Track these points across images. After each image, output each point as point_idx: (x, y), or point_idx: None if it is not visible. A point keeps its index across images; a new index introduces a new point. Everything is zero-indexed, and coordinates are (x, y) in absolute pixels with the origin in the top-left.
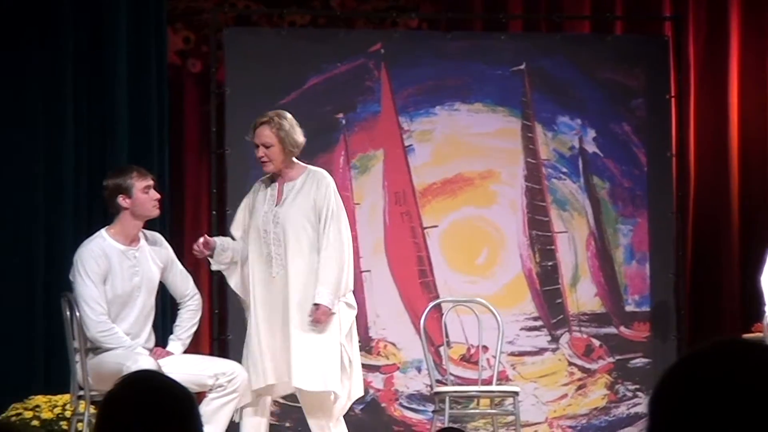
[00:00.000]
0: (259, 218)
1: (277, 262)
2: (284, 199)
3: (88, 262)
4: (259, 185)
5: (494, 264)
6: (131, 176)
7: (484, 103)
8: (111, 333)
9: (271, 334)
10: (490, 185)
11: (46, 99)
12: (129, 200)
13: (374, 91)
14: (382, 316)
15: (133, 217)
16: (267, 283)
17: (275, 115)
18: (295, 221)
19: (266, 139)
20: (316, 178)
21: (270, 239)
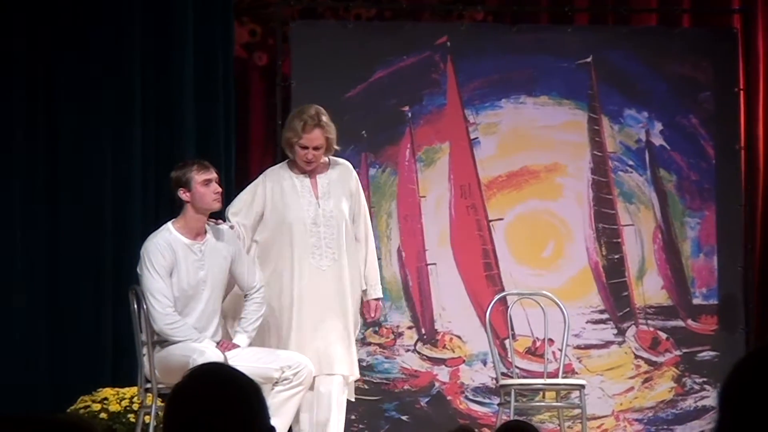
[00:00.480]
0: (302, 210)
1: (327, 254)
2: (324, 191)
3: (155, 255)
4: (279, 175)
5: (560, 257)
6: (191, 169)
7: (550, 95)
8: (178, 325)
9: (317, 326)
10: (555, 178)
11: (114, 93)
12: (188, 194)
13: (440, 84)
14: (447, 309)
15: (195, 210)
16: (315, 275)
17: (323, 115)
18: (342, 213)
19: (318, 142)
20: (348, 170)
21: (320, 232)
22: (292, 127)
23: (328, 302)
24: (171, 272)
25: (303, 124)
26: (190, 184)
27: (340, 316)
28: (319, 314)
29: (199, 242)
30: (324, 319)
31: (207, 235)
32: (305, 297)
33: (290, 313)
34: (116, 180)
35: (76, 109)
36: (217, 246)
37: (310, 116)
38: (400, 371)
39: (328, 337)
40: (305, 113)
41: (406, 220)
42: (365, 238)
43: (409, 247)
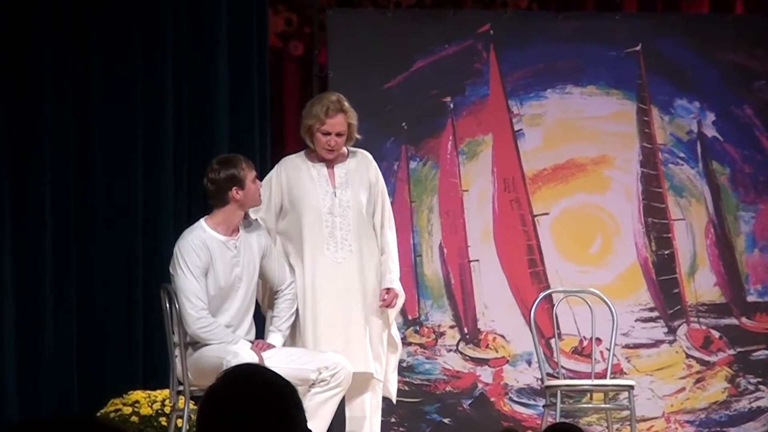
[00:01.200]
0: (318, 200)
1: (343, 246)
2: (342, 181)
3: (189, 255)
4: (295, 164)
5: (608, 253)
6: (242, 167)
7: (597, 85)
8: (212, 328)
9: (333, 322)
10: (603, 171)
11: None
12: (242, 192)
13: (483, 74)
14: (490, 308)
15: (239, 207)
16: (330, 268)
17: (345, 100)
18: (359, 204)
19: (342, 128)
20: (366, 159)
21: (336, 223)
22: (314, 114)
23: (345, 297)
24: (206, 272)
25: (326, 109)
26: (244, 183)
27: (359, 312)
28: (335, 310)
29: (234, 238)
30: (341, 316)
31: (240, 230)
32: (319, 292)
33: (304, 309)
34: (147, 176)
35: (107, 103)
36: (250, 241)
37: (333, 101)
38: (441, 372)
39: (346, 334)
40: (327, 98)
41: (447, 215)
42: (384, 228)
43: (450, 243)
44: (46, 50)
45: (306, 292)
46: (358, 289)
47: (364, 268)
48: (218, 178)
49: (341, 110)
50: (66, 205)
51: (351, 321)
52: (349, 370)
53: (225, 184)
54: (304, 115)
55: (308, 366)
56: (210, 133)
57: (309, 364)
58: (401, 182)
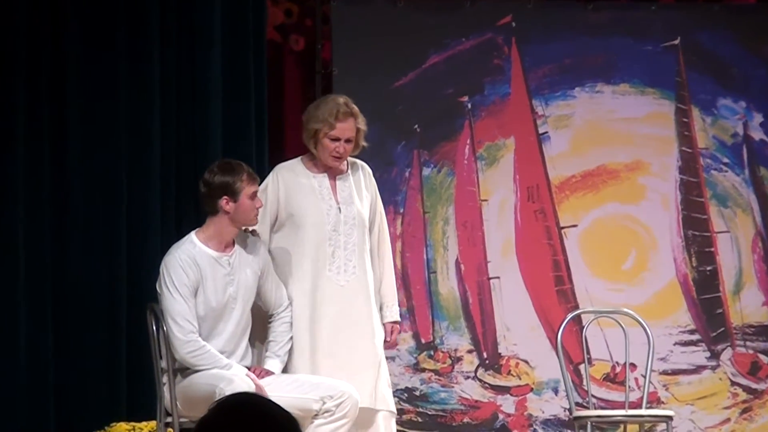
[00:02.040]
0: (322, 215)
1: (347, 268)
2: (345, 195)
3: (176, 273)
4: (294, 173)
5: (643, 269)
6: (241, 178)
7: (631, 83)
8: (202, 353)
9: (334, 351)
10: (638, 178)
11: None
12: (232, 204)
13: (504, 71)
14: (512, 330)
15: (231, 222)
16: (332, 291)
17: (352, 104)
18: (363, 221)
19: (351, 134)
20: (368, 171)
21: (340, 242)
22: (321, 117)
23: (349, 324)
24: (196, 291)
25: (336, 112)
26: (238, 195)
27: (364, 340)
28: (337, 338)
29: (228, 254)
30: (344, 345)
31: (235, 246)
32: (320, 317)
33: (300, 335)
34: (131, 184)
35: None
36: (247, 257)
37: (342, 104)
38: (458, 402)
39: (350, 365)
40: (335, 101)
41: (464, 227)
42: (382, 251)
43: (468, 258)
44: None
45: (301, 317)
46: (364, 315)
47: (369, 292)
48: (211, 182)
49: (352, 114)
50: (40, 216)
51: (356, 351)
52: (356, 399)
53: (216, 191)
54: (309, 119)
55: (311, 395)
56: (201, 137)
57: (312, 393)
58: (413, 191)
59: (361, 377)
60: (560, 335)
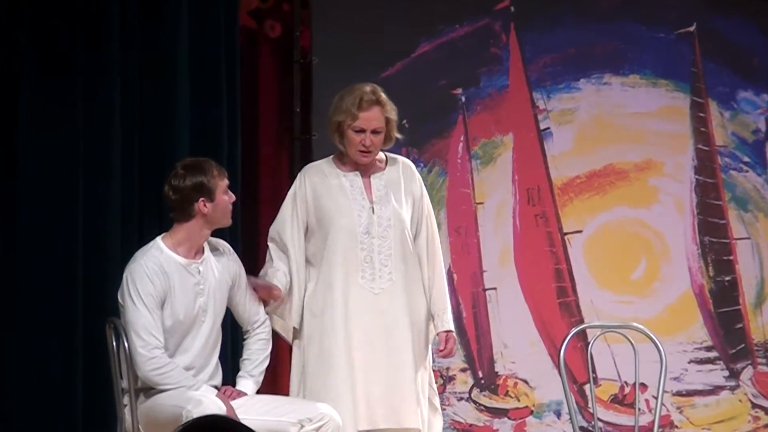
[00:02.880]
0: (353, 217)
1: (382, 274)
2: (381, 194)
3: (141, 282)
4: (323, 172)
5: (654, 279)
6: (213, 174)
7: (641, 74)
8: (167, 370)
9: (369, 366)
10: (649, 179)
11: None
12: (210, 205)
13: (501, 61)
14: (510, 346)
15: (206, 224)
16: (366, 300)
17: (381, 91)
18: (401, 222)
19: (378, 124)
20: (408, 167)
21: (373, 245)
22: (343, 108)
23: (384, 336)
24: (163, 302)
25: (358, 101)
26: (213, 193)
27: (400, 353)
28: (371, 351)
29: (197, 261)
30: (378, 358)
31: (205, 252)
32: (354, 331)
33: (331, 350)
34: (89, 186)
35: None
36: (217, 264)
37: (366, 92)
38: (450, 426)
39: (385, 380)
40: (359, 89)
41: (458, 233)
42: (431, 256)
43: (461, 267)
44: None
45: (335, 332)
46: (403, 326)
47: (411, 300)
48: (183, 186)
49: (377, 102)
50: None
51: (394, 365)
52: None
53: (190, 194)
54: (332, 112)
55: (287, 417)
56: (167, 134)
57: (288, 416)
58: None
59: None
60: (563, 352)
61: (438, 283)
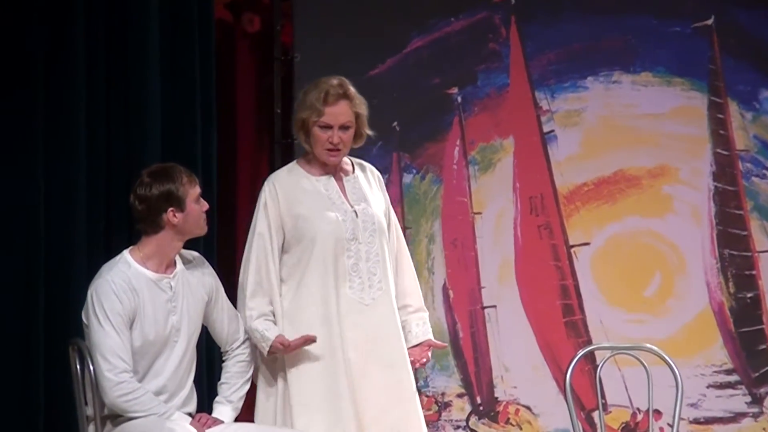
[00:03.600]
0: (338, 222)
1: (372, 283)
2: (356, 198)
3: (108, 299)
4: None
5: (669, 295)
6: (182, 182)
7: (654, 72)
8: (136, 397)
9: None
10: (663, 186)
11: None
12: (180, 215)
13: (501, 57)
14: (512, 370)
15: (177, 235)
16: (357, 313)
17: (349, 85)
18: (382, 226)
19: (346, 119)
20: (376, 174)
21: (361, 252)
22: (308, 104)
23: (378, 350)
24: (132, 321)
25: (324, 95)
26: (183, 202)
27: (397, 368)
28: (367, 371)
29: (169, 276)
30: (376, 378)
31: (177, 266)
32: (347, 345)
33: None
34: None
35: None
36: (191, 279)
37: (333, 85)
38: None
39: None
40: (324, 82)
41: (454, 246)
42: (402, 262)
43: (458, 283)
44: None
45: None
46: (396, 339)
47: (396, 311)
48: (149, 196)
49: (345, 96)
50: None
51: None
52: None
53: (158, 204)
54: (297, 108)
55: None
56: (136, 137)
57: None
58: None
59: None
60: (569, 376)
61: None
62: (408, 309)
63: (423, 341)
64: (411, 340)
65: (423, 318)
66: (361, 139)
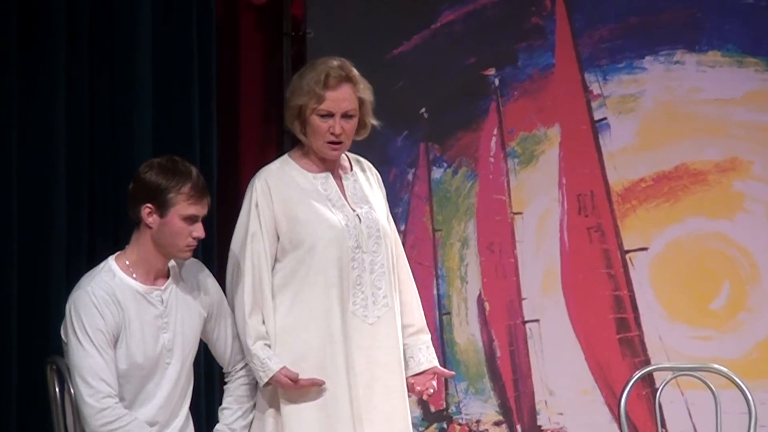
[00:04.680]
0: (340, 228)
1: (376, 299)
2: (356, 200)
3: (89, 314)
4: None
5: (740, 308)
6: (180, 189)
7: (723, 50)
8: (122, 425)
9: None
10: (733, 182)
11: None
12: (156, 218)
13: (545, 34)
14: (557, 393)
15: (156, 245)
16: (360, 333)
17: (348, 65)
18: (386, 231)
19: (350, 106)
20: (374, 172)
21: (365, 263)
22: (305, 88)
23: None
24: (116, 339)
25: (324, 77)
26: (166, 209)
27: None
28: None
29: (160, 288)
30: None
31: (170, 277)
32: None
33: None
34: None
35: None
36: (187, 293)
37: (333, 67)
38: None
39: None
40: (324, 63)
41: (491, 251)
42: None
43: (495, 294)
44: None
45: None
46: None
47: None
48: (141, 179)
49: (348, 78)
50: None
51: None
52: None
53: (141, 193)
54: (291, 93)
55: None
56: (125, 128)
57: None
58: (419, 200)
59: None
60: (624, 401)
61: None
62: (409, 329)
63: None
64: (413, 368)
65: (426, 342)
66: (366, 131)
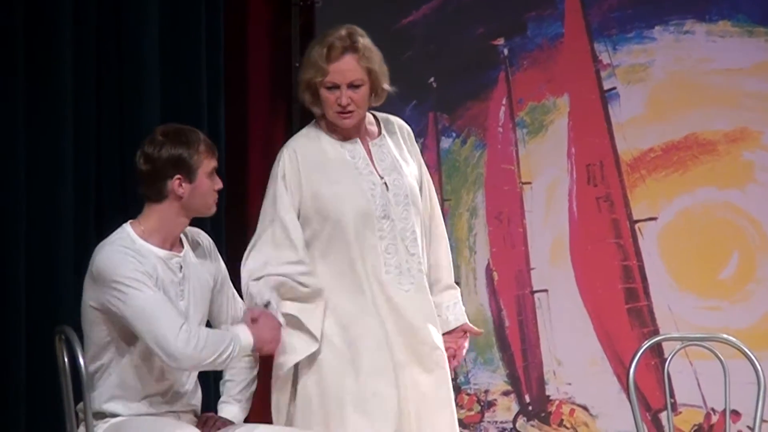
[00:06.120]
0: (364, 195)
1: (411, 266)
2: (385, 165)
3: (125, 264)
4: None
5: (749, 279)
6: (198, 149)
7: (733, 20)
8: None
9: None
10: (742, 152)
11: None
12: (187, 186)
13: (554, 3)
14: (565, 364)
15: (182, 210)
16: (397, 303)
17: (359, 36)
18: (416, 198)
19: (355, 76)
20: (405, 127)
21: (396, 230)
22: (312, 61)
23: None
24: None
25: (326, 50)
26: (194, 173)
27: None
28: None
29: (178, 254)
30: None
31: (185, 245)
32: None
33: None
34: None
35: None
36: (199, 260)
37: (339, 37)
38: None
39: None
40: (330, 35)
41: (499, 220)
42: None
43: (504, 264)
44: None
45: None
46: (435, 332)
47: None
48: (157, 156)
49: (352, 48)
50: None
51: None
52: None
53: (165, 168)
54: (301, 67)
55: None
56: (131, 106)
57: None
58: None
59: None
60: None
61: (446, 267)
62: (437, 286)
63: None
64: (443, 326)
65: (455, 298)
66: (380, 99)
